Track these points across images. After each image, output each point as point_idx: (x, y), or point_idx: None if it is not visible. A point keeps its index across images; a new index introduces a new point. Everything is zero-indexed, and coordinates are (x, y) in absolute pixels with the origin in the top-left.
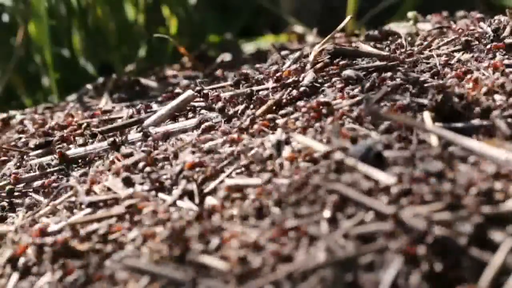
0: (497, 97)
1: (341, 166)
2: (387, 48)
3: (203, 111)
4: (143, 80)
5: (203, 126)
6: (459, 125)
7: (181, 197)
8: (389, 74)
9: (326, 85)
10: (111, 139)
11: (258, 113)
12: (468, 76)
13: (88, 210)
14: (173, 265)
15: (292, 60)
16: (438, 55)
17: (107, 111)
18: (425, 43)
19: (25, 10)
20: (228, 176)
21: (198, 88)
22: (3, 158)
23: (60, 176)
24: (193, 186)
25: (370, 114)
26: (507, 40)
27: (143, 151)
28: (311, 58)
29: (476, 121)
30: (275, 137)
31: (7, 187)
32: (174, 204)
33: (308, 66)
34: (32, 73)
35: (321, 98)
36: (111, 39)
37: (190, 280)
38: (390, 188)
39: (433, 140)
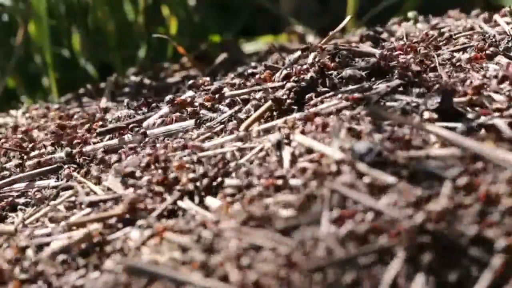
0: (497, 97)
1: (341, 166)
2: (387, 48)
3: (203, 111)
4: (143, 80)
5: (202, 126)
6: (459, 125)
7: (181, 197)
8: (389, 74)
9: (325, 85)
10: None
11: (258, 113)
12: (468, 76)
13: (88, 210)
14: (174, 265)
15: (292, 60)
16: (438, 55)
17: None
18: (425, 43)
19: (25, 10)
20: (228, 176)
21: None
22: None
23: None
24: (193, 186)
25: (370, 114)
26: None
27: (142, 150)
28: (311, 58)
29: (476, 121)
30: (275, 137)
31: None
32: (174, 203)
33: (308, 66)
34: (32, 73)
35: (321, 98)
36: (111, 39)
37: None
38: (390, 188)
39: (433, 140)
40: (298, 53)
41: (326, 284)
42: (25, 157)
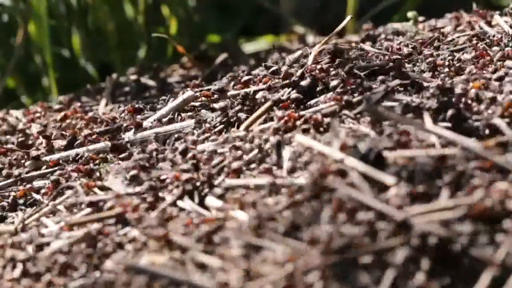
0: (497, 96)
1: (341, 166)
2: (387, 48)
3: (203, 111)
4: (143, 80)
5: (202, 126)
6: (460, 124)
7: (181, 196)
8: (389, 73)
9: (325, 85)
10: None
11: (258, 113)
12: (468, 75)
13: (88, 210)
14: (174, 264)
15: (292, 60)
16: (438, 55)
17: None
18: (426, 42)
19: (25, 10)
20: (228, 176)
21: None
22: None
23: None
24: (193, 186)
25: (370, 114)
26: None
27: (142, 151)
28: (311, 58)
29: (476, 121)
30: (275, 137)
31: None
32: (174, 203)
33: (308, 66)
34: (32, 73)
35: (321, 98)
36: (111, 39)
37: None
38: (390, 188)
39: (433, 140)
40: (298, 53)
41: (326, 284)
42: (25, 157)
